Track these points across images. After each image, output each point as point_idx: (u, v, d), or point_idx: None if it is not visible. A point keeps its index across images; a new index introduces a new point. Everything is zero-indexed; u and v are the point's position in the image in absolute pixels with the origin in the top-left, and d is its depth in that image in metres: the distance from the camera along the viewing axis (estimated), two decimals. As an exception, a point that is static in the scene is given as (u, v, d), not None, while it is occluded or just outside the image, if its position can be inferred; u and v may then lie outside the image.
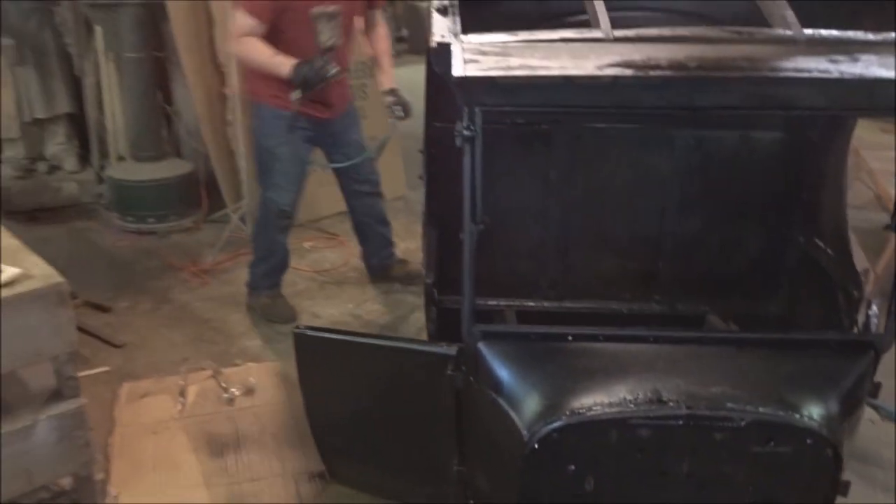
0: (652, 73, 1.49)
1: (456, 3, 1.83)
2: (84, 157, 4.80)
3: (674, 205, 2.63)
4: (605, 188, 2.65)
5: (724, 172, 2.61)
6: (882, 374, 1.82)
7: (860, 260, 2.22)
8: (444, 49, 1.60)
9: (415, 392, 2.00)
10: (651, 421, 1.64)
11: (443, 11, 1.79)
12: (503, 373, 1.77)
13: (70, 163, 4.75)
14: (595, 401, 1.67)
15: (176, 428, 2.63)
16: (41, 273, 1.94)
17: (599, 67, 1.52)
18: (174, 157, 4.69)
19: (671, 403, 1.64)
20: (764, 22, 1.72)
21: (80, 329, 3.19)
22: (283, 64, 2.82)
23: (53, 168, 4.74)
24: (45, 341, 1.93)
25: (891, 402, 2.52)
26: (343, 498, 2.31)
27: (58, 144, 4.73)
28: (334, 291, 3.70)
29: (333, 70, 2.80)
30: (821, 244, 2.42)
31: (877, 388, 1.83)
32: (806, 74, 1.49)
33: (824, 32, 1.60)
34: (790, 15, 1.65)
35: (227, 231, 4.09)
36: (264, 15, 2.82)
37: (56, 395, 2.03)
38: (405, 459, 2.13)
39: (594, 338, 1.82)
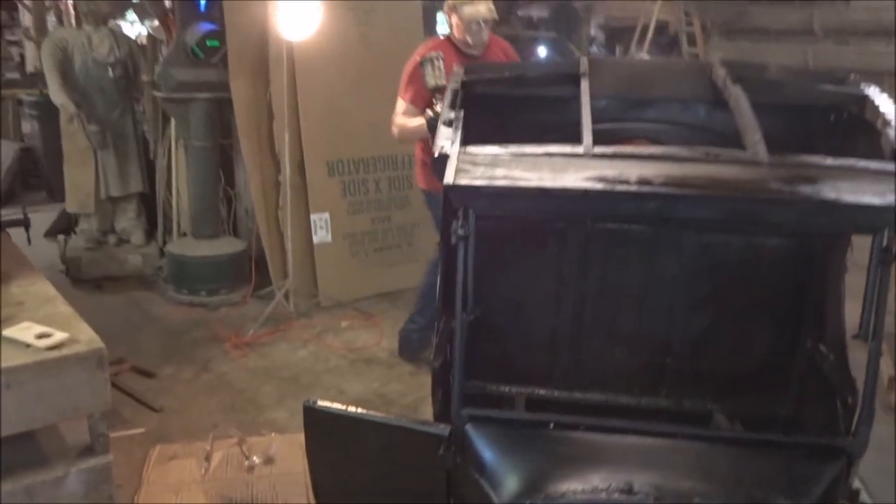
0: (619, 187, 1.66)
1: (461, 116, 2.07)
2: (150, 233, 5.21)
3: (682, 304, 2.71)
4: (616, 285, 2.75)
5: (731, 275, 2.69)
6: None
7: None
8: (442, 158, 1.83)
9: (411, 468, 2.11)
10: (620, 510, 1.72)
11: (449, 124, 2.03)
12: (487, 455, 1.88)
13: (137, 237, 5.15)
14: (569, 487, 1.75)
15: (197, 490, 2.80)
16: (86, 338, 2.18)
17: (574, 180, 1.70)
18: (230, 235, 5.04)
19: (640, 494, 1.72)
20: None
21: (124, 392, 3.46)
22: (423, 122, 3.28)
23: (122, 241, 5.14)
24: (83, 399, 2.15)
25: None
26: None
27: (128, 220, 5.15)
28: (363, 369, 3.87)
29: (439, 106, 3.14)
30: (824, 349, 2.47)
31: (854, 494, 1.86)
32: (762, 195, 1.63)
33: (787, 157, 1.74)
34: (759, 138, 1.81)
35: (271, 307, 4.35)
36: (419, 101, 3.44)
37: (88, 451, 2.23)
38: (402, 533, 2.23)
39: (574, 427, 1.93)
